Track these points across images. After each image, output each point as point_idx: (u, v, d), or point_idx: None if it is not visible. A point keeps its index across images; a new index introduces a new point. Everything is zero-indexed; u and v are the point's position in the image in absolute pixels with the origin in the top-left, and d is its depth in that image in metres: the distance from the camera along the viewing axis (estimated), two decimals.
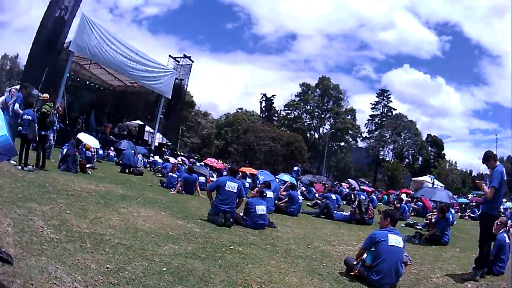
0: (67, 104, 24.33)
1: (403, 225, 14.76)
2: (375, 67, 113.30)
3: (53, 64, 23.26)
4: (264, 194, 10.59)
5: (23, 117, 11.00)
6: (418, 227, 14.15)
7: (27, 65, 25.20)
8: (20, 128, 10.91)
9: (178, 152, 38.53)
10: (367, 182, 43.92)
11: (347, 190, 27.60)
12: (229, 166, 14.83)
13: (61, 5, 24.28)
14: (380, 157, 74.07)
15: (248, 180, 19.55)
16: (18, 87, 17.98)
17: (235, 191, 8.95)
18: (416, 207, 21.83)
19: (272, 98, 79.95)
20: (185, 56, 39.86)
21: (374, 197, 25.29)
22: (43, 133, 11.64)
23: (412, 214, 20.00)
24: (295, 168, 34.56)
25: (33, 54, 23.69)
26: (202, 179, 16.55)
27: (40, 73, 20.96)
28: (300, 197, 15.36)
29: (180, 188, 14.10)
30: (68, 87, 27.34)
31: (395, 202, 22.95)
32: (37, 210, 6.32)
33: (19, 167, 10.47)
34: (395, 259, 5.62)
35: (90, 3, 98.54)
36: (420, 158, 74.33)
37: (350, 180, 35.65)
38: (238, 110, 75.91)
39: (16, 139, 10.08)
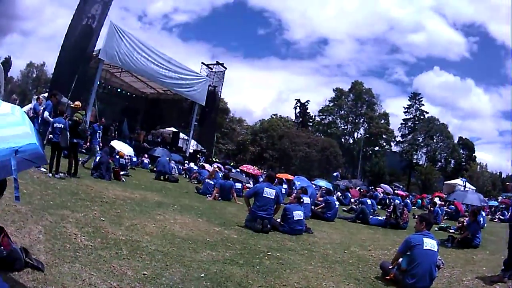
0: (99, 112, 24.64)
1: (437, 228, 14.60)
2: (406, 70, 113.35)
3: (83, 72, 23.46)
4: (301, 200, 10.75)
5: (54, 125, 11.16)
6: (451, 231, 14.13)
7: (55, 73, 25.61)
8: (51, 136, 11.11)
9: (213, 159, 38.62)
10: (401, 186, 43.68)
11: (382, 195, 27.33)
12: (266, 173, 14.79)
13: (88, 14, 24.65)
14: (414, 161, 74.11)
15: (285, 186, 19.82)
16: (46, 95, 18.31)
17: (273, 197, 9.11)
18: (449, 210, 21.60)
19: (306, 103, 79.79)
20: (218, 63, 39.99)
21: (408, 201, 25.15)
22: (75, 140, 11.74)
23: (445, 217, 19.65)
24: (335, 174, 34.79)
25: (61, 62, 24.10)
26: (238, 185, 16.71)
27: (69, 81, 21.18)
28: (337, 203, 15.55)
29: (217, 194, 14.17)
30: (99, 95, 27.79)
31: (429, 206, 22.72)
32: (70, 217, 6.33)
33: (50, 174, 10.59)
34: (429, 263, 5.73)
35: (118, 11, 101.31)
36: (453, 161, 73.84)
37: (383, 185, 35.42)
38: (273, 116, 76.09)
39: (46, 147, 10.23)
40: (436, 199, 25.72)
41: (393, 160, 73.43)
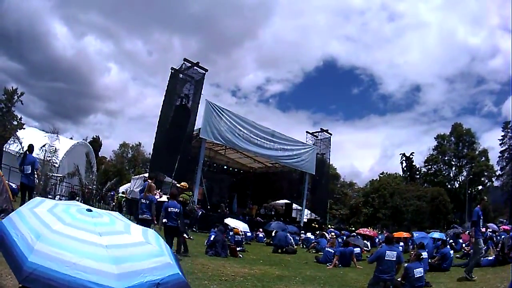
0: (207, 190, 24.97)
1: None
2: (494, 100, 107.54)
3: (185, 151, 24.59)
4: (421, 256, 11.11)
5: (168, 209, 11.24)
6: None
7: (154, 153, 26.74)
8: (165, 220, 11.18)
9: (328, 226, 38.00)
10: (504, 221, 41.28)
11: (490, 233, 25.54)
12: (379, 232, 14.79)
13: (180, 94, 25.97)
14: None
15: (401, 243, 20.75)
16: (147, 175, 18.92)
17: (394, 259, 9.54)
18: None
19: (411, 156, 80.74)
20: (322, 130, 40.44)
21: None
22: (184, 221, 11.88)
23: None
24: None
25: (160, 143, 25.27)
26: (357, 250, 17.47)
27: (170, 161, 21.92)
28: (451, 251, 16.02)
29: (337, 262, 14.55)
30: (205, 173, 28.71)
31: None
32: None
33: None
34: None
35: (210, 88, 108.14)
36: None
37: (489, 224, 33.80)
38: (380, 175, 78.72)
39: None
40: None
41: (495, 195, 71.07)
